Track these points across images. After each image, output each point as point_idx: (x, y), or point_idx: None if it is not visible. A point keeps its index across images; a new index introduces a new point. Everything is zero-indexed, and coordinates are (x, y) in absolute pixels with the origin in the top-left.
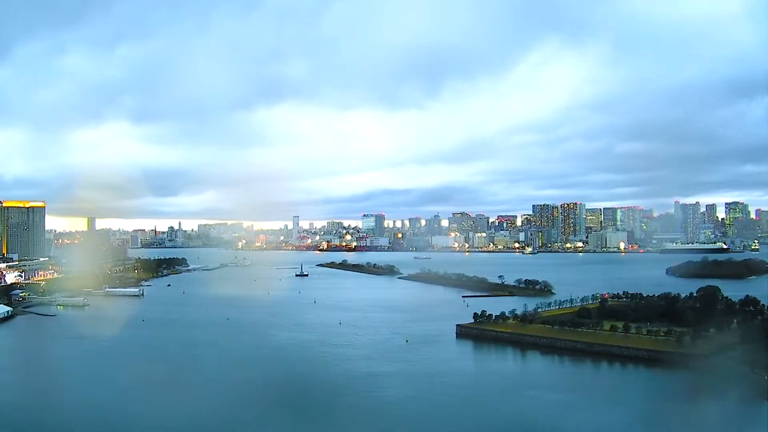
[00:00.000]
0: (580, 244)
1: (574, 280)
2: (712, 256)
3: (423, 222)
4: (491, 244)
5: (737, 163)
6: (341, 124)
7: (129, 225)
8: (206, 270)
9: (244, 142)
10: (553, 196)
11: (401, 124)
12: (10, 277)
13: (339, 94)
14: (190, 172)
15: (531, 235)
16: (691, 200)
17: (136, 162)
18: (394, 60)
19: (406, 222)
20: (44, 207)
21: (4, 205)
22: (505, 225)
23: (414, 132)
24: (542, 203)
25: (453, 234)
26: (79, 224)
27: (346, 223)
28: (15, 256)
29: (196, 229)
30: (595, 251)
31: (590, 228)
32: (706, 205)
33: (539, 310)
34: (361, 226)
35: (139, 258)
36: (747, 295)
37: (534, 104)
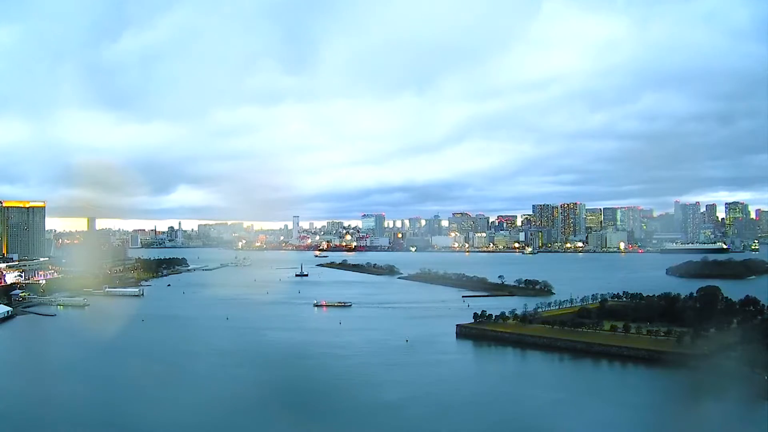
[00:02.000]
0: (580, 244)
1: (574, 280)
2: (712, 256)
3: (423, 222)
4: (491, 244)
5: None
6: (332, 114)
7: (129, 225)
8: (206, 270)
9: (226, 133)
10: (554, 193)
11: (397, 114)
12: (10, 277)
13: (329, 83)
14: (173, 164)
15: (531, 235)
16: (691, 200)
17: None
18: (389, 49)
19: (406, 222)
20: (44, 207)
21: (4, 205)
22: (505, 225)
23: (409, 124)
24: (542, 203)
25: (453, 234)
26: (79, 224)
27: (346, 223)
28: (15, 256)
29: (196, 229)
30: (595, 251)
31: (590, 228)
32: (706, 205)
33: (539, 310)
34: (361, 226)
35: (139, 258)
36: (747, 295)
37: (532, 98)
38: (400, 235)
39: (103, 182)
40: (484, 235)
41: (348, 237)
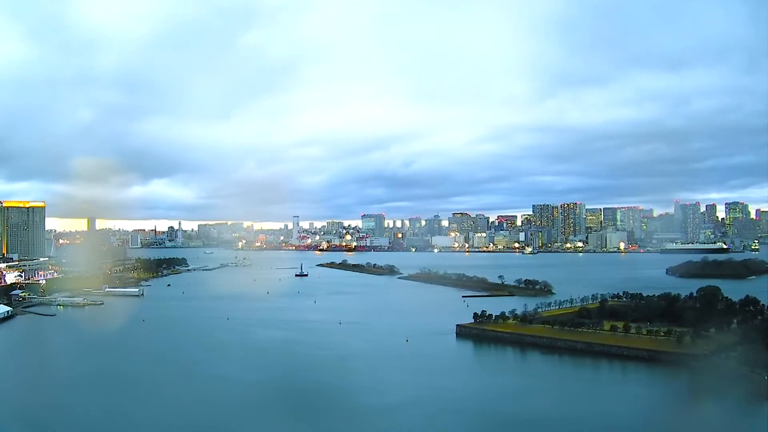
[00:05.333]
0: (580, 244)
1: (574, 280)
2: (712, 256)
3: (423, 222)
4: (491, 244)
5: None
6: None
7: (129, 225)
8: (206, 270)
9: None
10: (554, 192)
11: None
12: (10, 277)
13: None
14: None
15: (531, 235)
16: (691, 200)
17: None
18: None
19: (406, 222)
20: (44, 207)
21: (4, 205)
22: (505, 225)
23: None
24: (542, 203)
25: (453, 234)
26: (79, 224)
27: (346, 223)
28: (15, 256)
29: (196, 229)
30: (595, 251)
31: (590, 228)
32: (706, 205)
33: (539, 310)
34: (361, 226)
35: (139, 258)
36: (747, 295)
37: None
38: (400, 235)
39: (100, 178)
40: (484, 235)
41: (348, 237)
